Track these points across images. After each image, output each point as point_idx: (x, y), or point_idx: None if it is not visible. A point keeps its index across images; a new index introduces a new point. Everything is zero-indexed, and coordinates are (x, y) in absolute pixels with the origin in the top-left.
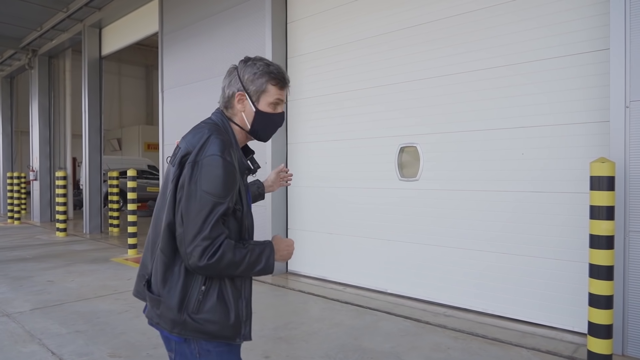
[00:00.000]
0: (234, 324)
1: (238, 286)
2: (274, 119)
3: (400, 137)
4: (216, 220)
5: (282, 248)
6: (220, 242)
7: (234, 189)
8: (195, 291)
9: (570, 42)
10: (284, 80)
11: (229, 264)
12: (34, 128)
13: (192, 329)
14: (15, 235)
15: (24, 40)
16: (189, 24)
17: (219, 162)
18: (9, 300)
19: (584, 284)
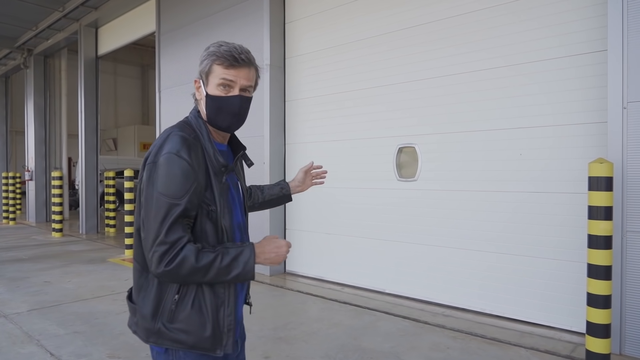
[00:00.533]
0: (211, 335)
1: (220, 294)
2: (225, 102)
3: (399, 138)
4: (172, 223)
5: (267, 251)
6: (180, 246)
7: (192, 189)
8: (169, 300)
9: (570, 43)
10: (230, 59)
11: (192, 270)
12: (30, 128)
13: (167, 338)
14: (10, 235)
15: (19, 39)
16: (186, 24)
17: (173, 160)
18: (6, 301)
19: (583, 284)
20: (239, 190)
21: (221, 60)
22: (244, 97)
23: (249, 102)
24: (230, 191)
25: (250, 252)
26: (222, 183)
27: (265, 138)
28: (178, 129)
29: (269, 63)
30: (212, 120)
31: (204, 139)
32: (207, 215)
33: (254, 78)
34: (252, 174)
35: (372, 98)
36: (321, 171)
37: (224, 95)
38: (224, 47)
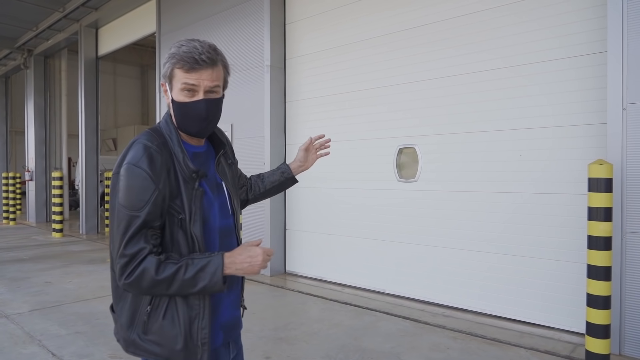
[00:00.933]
0: (183, 349)
1: (194, 305)
2: (190, 107)
3: (399, 139)
4: (132, 235)
5: (239, 261)
6: (140, 259)
7: (151, 199)
8: (142, 310)
9: (570, 45)
10: (191, 61)
11: (153, 283)
12: (30, 128)
13: (142, 349)
14: (11, 236)
15: (19, 40)
16: (186, 24)
17: (132, 171)
18: (7, 302)
19: (583, 285)
20: (222, 191)
21: (181, 64)
22: (210, 100)
23: (218, 103)
24: (207, 195)
25: (218, 263)
26: (194, 189)
27: (265, 139)
28: (144, 137)
29: (269, 64)
30: (181, 126)
31: (173, 145)
32: (177, 224)
33: (220, 77)
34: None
35: (373, 99)
36: (324, 140)
37: (188, 100)
38: (184, 48)
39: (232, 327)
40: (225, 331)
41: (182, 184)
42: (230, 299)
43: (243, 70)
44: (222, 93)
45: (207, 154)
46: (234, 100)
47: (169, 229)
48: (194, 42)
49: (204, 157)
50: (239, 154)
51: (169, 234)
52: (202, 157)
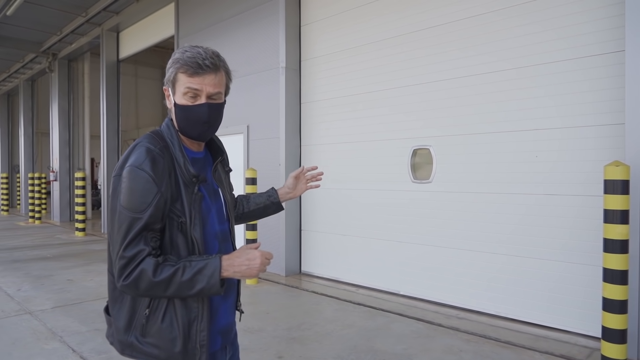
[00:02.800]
0: (182, 351)
1: (192, 308)
2: (192, 111)
3: (414, 139)
4: (133, 237)
5: (237, 263)
6: (139, 260)
7: (154, 202)
8: (141, 313)
9: (579, 45)
10: (194, 66)
11: (150, 285)
12: (54, 130)
13: (140, 352)
14: (36, 234)
15: (44, 44)
16: (204, 27)
17: (135, 173)
18: (31, 299)
19: (599, 288)
20: (218, 197)
21: (185, 68)
22: (212, 105)
23: (220, 108)
24: (205, 200)
25: (215, 265)
26: (194, 193)
27: (280, 140)
28: (146, 140)
29: (284, 66)
30: (182, 130)
31: (174, 149)
32: (177, 227)
33: (222, 83)
34: (268, 176)
35: (387, 100)
36: (317, 172)
37: (190, 104)
38: (188, 53)
39: (228, 331)
40: (222, 335)
41: (183, 188)
42: (227, 304)
43: (259, 72)
44: (224, 99)
45: (205, 160)
46: (250, 102)
47: (169, 232)
48: (198, 48)
49: (202, 162)
50: (255, 155)
51: (168, 237)
52: (201, 162)
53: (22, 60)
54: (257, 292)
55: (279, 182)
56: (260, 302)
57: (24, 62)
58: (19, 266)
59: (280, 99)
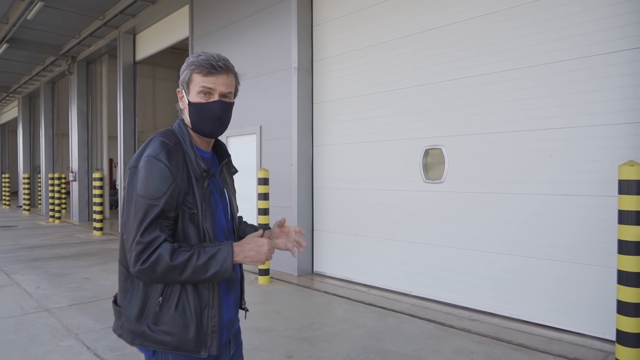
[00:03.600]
0: (195, 337)
1: (204, 295)
2: (206, 108)
3: (426, 139)
4: (150, 223)
5: (247, 249)
6: (156, 246)
7: (169, 190)
8: (153, 302)
9: (585, 44)
10: (208, 67)
11: (167, 268)
12: (73, 131)
13: (151, 340)
14: (55, 233)
15: (63, 47)
16: (218, 29)
17: (152, 163)
18: (49, 296)
19: (614, 290)
20: (224, 196)
21: (200, 69)
22: (224, 102)
23: (230, 107)
24: (213, 196)
25: (228, 250)
26: (204, 188)
27: (293, 140)
28: (161, 135)
29: (296, 66)
30: (195, 127)
31: (186, 145)
32: (189, 218)
33: (233, 84)
34: (280, 176)
35: (399, 99)
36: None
37: (205, 101)
38: (202, 57)
39: (231, 325)
40: (227, 329)
41: (194, 182)
42: (230, 299)
43: (271, 72)
44: (233, 100)
45: (212, 161)
46: (262, 103)
47: (181, 223)
48: (210, 53)
49: (209, 162)
50: (267, 155)
51: (180, 227)
52: (209, 162)
53: (43, 63)
54: (269, 291)
55: (291, 183)
56: (272, 301)
57: (44, 65)
58: (39, 264)
59: (293, 99)
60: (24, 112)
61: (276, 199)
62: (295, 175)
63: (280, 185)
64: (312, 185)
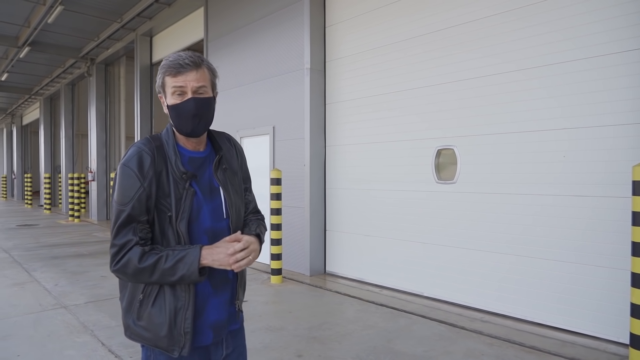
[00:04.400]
0: (167, 336)
1: (180, 296)
2: (181, 107)
3: (438, 140)
4: (120, 227)
5: (215, 252)
6: (127, 249)
7: (136, 196)
8: (137, 298)
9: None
10: (176, 67)
11: (136, 271)
12: (92, 131)
13: (134, 333)
14: (74, 232)
15: (83, 49)
16: (232, 30)
17: (122, 170)
18: (67, 294)
19: (628, 293)
20: (216, 195)
21: (169, 71)
22: (198, 99)
23: (207, 102)
24: (197, 197)
25: (195, 256)
26: (184, 189)
27: (305, 140)
28: (140, 141)
29: (309, 67)
30: (177, 128)
31: (168, 148)
32: (167, 220)
33: (206, 78)
34: (293, 177)
35: (411, 99)
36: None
37: (179, 102)
38: (171, 58)
39: (222, 326)
40: (214, 330)
41: (173, 184)
42: (219, 299)
43: (284, 73)
44: (212, 94)
45: (206, 159)
46: (275, 103)
47: (159, 225)
48: (179, 53)
49: (201, 161)
50: (280, 156)
51: (158, 229)
52: (199, 161)
53: (63, 65)
54: (281, 291)
55: (304, 183)
56: (284, 301)
57: (64, 67)
58: (57, 262)
59: (305, 100)
60: (45, 113)
61: (288, 199)
62: (308, 176)
63: (292, 185)
64: (325, 186)
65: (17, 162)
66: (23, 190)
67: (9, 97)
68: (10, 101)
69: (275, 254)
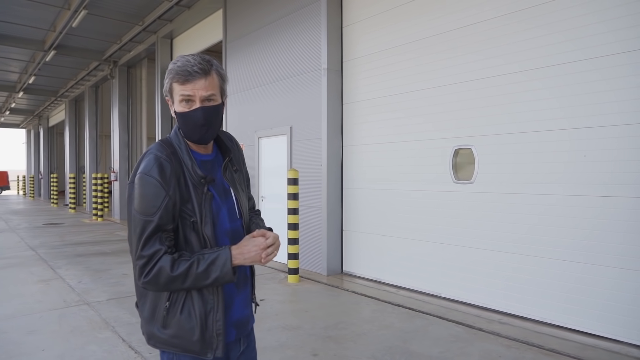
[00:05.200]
0: (199, 340)
1: (208, 300)
2: (189, 117)
3: (455, 139)
4: (147, 238)
5: (246, 251)
6: (157, 259)
7: (163, 205)
8: (161, 307)
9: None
10: (184, 74)
11: (169, 279)
12: (115, 132)
13: (161, 342)
14: (97, 231)
15: (106, 52)
16: (250, 31)
17: (144, 180)
18: (90, 291)
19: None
20: (229, 197)
21: (177, 78)
22: (206, 108)
23: (216, 109)
24: (215, 200)
25: (226, 256)
26: (203, 194)
27: (322, 140)
28: (155, 148)
29: (326, 67)
30: (185, 135)
31: (182, 153)
32: (190, 226)
33: (215, 85)
34: (310, 177)
35: (428, 99)
36: None
37: (187, 110)
38: (179, 63)
39: (243, 324)
40: (237, 328)
41: (192, 190)
42: (240, 298)
43: (301, 74)
44: (221, 100)
45: (214, 162)
46: (293, 104)
47: (182, 231)
48: (187, 57)
49: (210, 164)
50: (298, 156)
51: (182, 235)
52: (209, 164)
53: (87, 68)
54: (298, 290)
55: (321, 183)
56: (300, 300)
57: (88, 70)
58: (81, 260)
59: (322, 100)
60: (70, 115)
61: (306, 199)
62: (325, 176)
63: (309, 185)
64: (342, 186)
65: (44, 162)
66: (49, 190)
67: (36, 99)
68: (37, 103)
69: (292, 253)
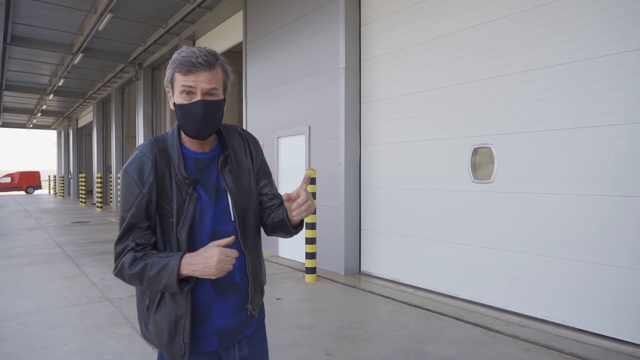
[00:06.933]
0: (168, 343)
1: (181, 305)
2: (189, 109)
3: (474, 138)
4: (122, 233)
5: (195, 262)
6: (123, 254)
7: (135, 202)
8: (144, 303)
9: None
10: (188, 65)
11: (129, 276)
12: (140, 133)
13: (146, 337)
14: None
15: (131, 54)
16: (269, 32)
17: (123, 176)
18: (112, 287)
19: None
20: (223, 198)
21: (180, 67)
22: (207, 102)
23: (217, 105)
24: (202, 201)
25: (174, 265)
26: (188, 194)
27: (340, 140)
28: (144, 145)
29: (344, 66)
30: (182, 129)
31: (172, 151)
32: (169, 226)
33: (218, 79)
34: (327, 176)
35: (447, 97)
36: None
37: (187, 102)
38: (183, 53)
39: (231, 332)
40: (221, 337)
41: (175, 189)
42: (224, 305)
43: (320, 73)
44: (223, 96)
45: (213, 159)
46: (311, 103)
47: (162, 230)
48: (193, 48)
49: (207, 162)
50: (316, 155)
51: (161, 234)
52: (205, 162)
53: (113, 70)
54: (314, 289)
55: (339, 182)
56: (317, 299)
57: (114, 72)
58: (105, 257)
59: (340, 100)
60: (97, 116)
61: (323, 198)
62: (343, 175)
63: (327, 184)
64: (360, 185)
65: (73, 162)
66: (78, 189)
67: (65, 101)
68: (66, 105)
69: (309, 252)
